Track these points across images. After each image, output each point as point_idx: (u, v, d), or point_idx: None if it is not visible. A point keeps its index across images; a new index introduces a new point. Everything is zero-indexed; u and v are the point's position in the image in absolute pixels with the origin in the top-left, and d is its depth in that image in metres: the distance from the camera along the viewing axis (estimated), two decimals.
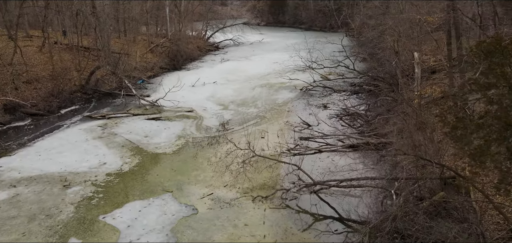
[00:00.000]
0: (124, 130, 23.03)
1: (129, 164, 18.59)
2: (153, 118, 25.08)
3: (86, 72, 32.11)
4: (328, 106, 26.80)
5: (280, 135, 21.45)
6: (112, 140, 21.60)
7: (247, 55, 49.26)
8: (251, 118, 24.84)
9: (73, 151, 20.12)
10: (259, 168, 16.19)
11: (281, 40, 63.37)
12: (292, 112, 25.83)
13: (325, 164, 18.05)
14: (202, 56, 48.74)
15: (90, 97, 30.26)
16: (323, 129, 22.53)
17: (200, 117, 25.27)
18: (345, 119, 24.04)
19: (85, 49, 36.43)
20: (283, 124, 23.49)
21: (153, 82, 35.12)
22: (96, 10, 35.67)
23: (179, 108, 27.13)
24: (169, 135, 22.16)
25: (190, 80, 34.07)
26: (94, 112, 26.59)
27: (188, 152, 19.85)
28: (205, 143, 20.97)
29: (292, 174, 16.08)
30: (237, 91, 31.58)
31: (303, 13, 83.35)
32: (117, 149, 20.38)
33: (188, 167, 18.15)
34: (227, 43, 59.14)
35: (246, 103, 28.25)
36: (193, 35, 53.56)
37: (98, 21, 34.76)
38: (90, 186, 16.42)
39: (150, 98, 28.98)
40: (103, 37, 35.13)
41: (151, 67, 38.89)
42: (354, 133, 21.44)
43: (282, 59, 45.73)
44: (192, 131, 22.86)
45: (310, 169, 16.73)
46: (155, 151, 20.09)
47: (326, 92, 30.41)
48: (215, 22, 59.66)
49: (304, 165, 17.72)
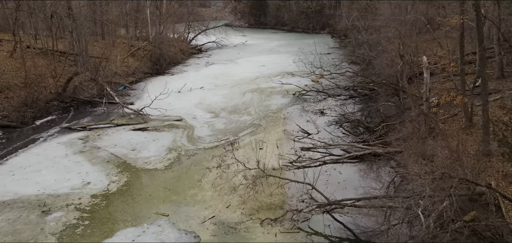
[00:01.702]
0: (108, 143, 21.04)
1: (116, 182, 16.70)
2: (140, 128, 23.15)
3: (63, 78, 29.77)
4: (325, 112, 25.54)
5: (279, 146, 20.01)
6: (96, 154, 19.60)
7: (232, 58, 47.66)
8: (246, 127, 23.29)
9: (51, 168, 18.04)
10: (265, 184, 14.67)
11: (264, 42, 62.11)
12: (288, 119, 24.42)
13: (333, 178, 16.68)
14: (185, 59, 46.78)
15: (68, 106, 27.96)
16: (323, 138, 21.24)
17: (190, 126, 23.51)
18: (345, 126, 22.83)
19: (61, 53, 33.99)
20: (281, 132, 22.05)
21: (136, 88, 33.03)
22: (72, 12, 33.32)
23: (167, 117, 25.28)
24: (159, 148, 20.33)
25: (176, 86, 32.20)
26: (74, 123, 24.39)
27: (182, 167, 18.12)
28: (200, 156, 19.27)
29: (301, 191, 14.69)
30: (226, 97, 29.94)
31: (286, 14, 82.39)
32: (102, 165, 18.42)
33: (184, 184, 16.43)
34: (210, 45, 57.35)
35: (238, 110, 26.66)
36: (175, 37, 51.50)
37: (75, 24, 32.43)
38: (73, 211, 14.48)
39: (135, 106, 26.96)
40: (81, 41, 32.79)
41: (132, 72, 36.75)
42: (358, 141, 20.20)
43: (268, 61, 44.48)
44: (184, 142, 21.10)
45: (317, 183, 15.36)
46: (145, 166, 18.25)
47: (321, 97, 29.18)
48: (196, 24, 57.72)
49: (307, 178, 16.40)
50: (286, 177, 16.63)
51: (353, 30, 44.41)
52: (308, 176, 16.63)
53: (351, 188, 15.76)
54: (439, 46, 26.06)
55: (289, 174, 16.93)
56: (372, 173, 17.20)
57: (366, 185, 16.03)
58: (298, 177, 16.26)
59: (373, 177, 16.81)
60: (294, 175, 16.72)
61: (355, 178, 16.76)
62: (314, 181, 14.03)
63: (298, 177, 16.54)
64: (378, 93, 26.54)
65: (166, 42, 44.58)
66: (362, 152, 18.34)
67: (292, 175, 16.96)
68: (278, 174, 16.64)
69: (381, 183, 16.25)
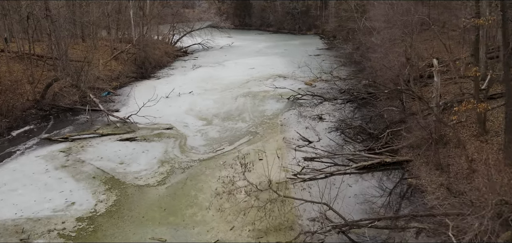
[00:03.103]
0: (93, 155, 19.27)
1: (104, 202, 15.03)
2: (127, 138, 21.43)
3: (41, 85, 27.71)
4: (323, 117, 24.35)
5: (280, 156, 18.70)
6: (80, 169, 17.83)
7: (219, 61, 46.13)
8: (242, 135, 21.86)
9: (30, 187, 16.21)
10: (272, 201, 13.32)
11: (251, 43, 60.80)
12: (286, 126, 23.12)
13: (343, 192, 15.36)
14: (171, 62, 44.99)
15: (47, 114, 25.93)
16: (325, 145, 20.05)
17: (182, 135, 21.94)
18: (347, 132, 21.70)
19: (39, 57, 31.81)
20: (281, 141, 20.72)
21: (120, 94, 31.16)
22: (50, 13, 31.21)
23: (156, 125, 23.62)
24: (150, 160, 18.70)
25: (164, 91, 30.49)
26: (54, 133, 22.47)
27: (177, 182, 16.55)
28: (196, 169, 17.75)
29: (312, 208, 13.42)
30: (218, 102, 28.44)
31: (271, 15, 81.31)
32: (87, 181, 16.69)
33: (181, 203, 14.90)
34: (196, 47, 55.64)
35: (232, 116, 25.20)
36: (159, 39, 49.56)
37: (53, 26, 30.35)
38: (56, 238, 12.79)
39: (121, 114, 25.19)
40: (60, 44, 30.73)
41: (116, 76, 34.82)
42: (362, 149, 19.06)
43: (257, 64, 43.19)
44: (176, 153, 19.51)
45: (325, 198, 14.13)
46: (136, 182, 16.61)
47: (317, 101, 28.00)
48: (181, 25, 55.88)
49: (313, 192, 15.18)
50: (292, 191, 15.36)
51: (340, 30, 43.60)
52: (315, 189, 15.44)
53: (364, 203, 14.56)
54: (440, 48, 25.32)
55: (296, 189, 15.63)
56: (383, 185, 16.05)
57: (380, 199, 14.87)
58: (308, 193, 15.03)
59: (385, 190, 15.65)
60: (302, 190, 15.44)
61: (366, 190, 15.55)
62: (330, 200, 12.75)
63: (306, 191, 15.31)
64: (377, 97, 25.55)
65: (150, 44, 42.74)
66: (370, 161, 17.19)
67: (299, 190, 15.70)
68: (283, 188, 15.35)
69: (396, 196, 15.13)
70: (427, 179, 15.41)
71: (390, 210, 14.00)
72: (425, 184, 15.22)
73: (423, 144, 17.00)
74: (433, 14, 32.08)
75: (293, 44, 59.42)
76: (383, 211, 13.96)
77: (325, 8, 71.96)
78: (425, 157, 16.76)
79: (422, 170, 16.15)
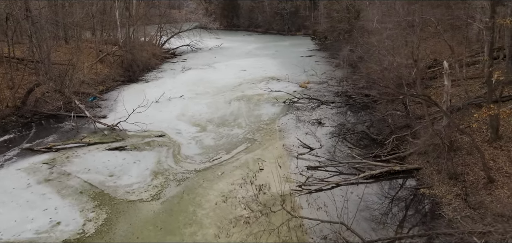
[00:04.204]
0: (79, 167, 17.84)
1: (93, 221, 13.68)
2: (116, 148, 20.03)
3: (22, 90, 26.03)
4: (323, 122, 23.35)
5: (282, 165, 17.62)
6: (65, 183, 16.40)
7: (209, 63, 44.83)
8: (239, 142, 20.69)
9: (10, 204, 14.73)
10: (279, 215, 12.20)
11: (241, 45, 59.64)
12: (284, 131, 22.04)
13: (352, 204, 14.31)
14: (159, 65, 43.46)
15: (29, 122, 24.28)
16: (328, 152, 19.06)
17: (175, 143, 20.64)
18: (348, 138, 20.74)
19: (19, 61, 29.99)
20: (280, 148, 19.63)
21: (107, 99, 29.62)
22: (31, 14, 29.47)
23: (147, 132, 22.27)
24: (142, 172, 17.37)
25: (153, 95, 29.05)
26: (36, 142, 20.90)
27: (172, 196, 15.28)
28: (192, 181, 16.49)
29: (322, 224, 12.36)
30: (211, 107, 27.18)
31: (259, 16, 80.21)
32: (74, 197, 15.28)
33: (178, 220, 13.65)
34: (184, 49, 54.17)
35: (227, 122, 24.00)
36: (146, 41, 47.92)
37: (34, 27, 28.63)
38: None
39: (108, 120, 23.75)
40: (42, 46, 29.03)
41: (102, 80, 33.22)
42: (368, 156, 18.09)
43: (248, 65, 42.07)
44: (170, 163, 18.23)
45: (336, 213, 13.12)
46: (127, 197, 15.28)
47: (313, 104, 27.01)
48: (168, 26, 54.28)
49: (322, 205, 14.16)
50: (299, 206, 14.28)
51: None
52: (322, 201, 14.44)
53: (378, 217, 13.57)
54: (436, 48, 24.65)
55: (302, 201, 14.56)
56: (394, 196, 15.10)
57: (394, 212, 13.91)
58: (317, 206, 13.97)
59: (397, 201, 14.70)
60: (309, 203, 14.36)
61: (378, 202, 14.58)
62: (341, 214, 11.70)
63: (314, 205, 14.24)
64: (376, 101, 24.72)
65: (138, 46, 41.18)
66: (378, 170, 16.23)
67: (304, 201, 14.65)
68: (289, 201, 14.28)
69: (410, 209, 14.19)
70: (441, 189, 14.52)
71: (406, 224, 13.04)
72: (439, 194, 14.33)
73: (432, 151, 16.15)
74: (427, 14, 31.40)
75: (283, 45, 58.50)
76: (399, 226, 12.99)
77: (315, 8, 71.28)
78: (436, 165, 15.90)
79: (434, 179, 15.27)
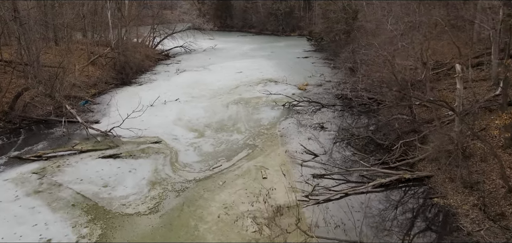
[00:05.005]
0: (71, 177, 16.81)
1: (87, 238, 12.70)
2: (110, 155, 19.02)
3: (10, 94, 24.82)
4: (325, 126, 22.58)
5: (285, 172, 16.78)
6: (56, 195, 15.37)
7: (204, 64, 43.86)
8: (239, 148, 19.80)
9: None
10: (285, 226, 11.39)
11: (235, 46, 58.77)
12: (286, 137, 21.21)
13: (365, 216, 13.63)
14: (152, 67, 42.38)
15: (17, 128, 23.13)
16: (333, 159, 18.28)
17: (172, 150, 19.69)
18: (354, 143, 19.98)
19: (7, 63, 28.77)
20: (283, 154, 18.79)
21: (99, 102, 28.52)
22: (19, 15, 28.30)
23: (142, 138, 21.28)
24: (138, 182, 16.40)
25: (147, 98, 28.07)
26: (25, 150, 19.81)
27: (172, 209, 14.34)
28: (192, 191, 15.57)
29: None
30: (208, 110, 26.25)
31: (253, 16, 79.41)
32: (66, 210, 14.27)
33: (179, 236, 12.72)
34: (178, 50, 53.10)
35: (225, 127, 23.10)
36: (138, 42, 46.78)
37: (22, 29, 27.45)
38: None
39: (101, 125, 22.69)
40: (31, 48, 27.86)
41: (94, 83, 32.07)
42: (375, 163, 17.35)
43: (244, 67, 41.21)
44: (168, 172, 17.28)
45: (348, 225, 12.35)
46: (123, 210, 14.30)
47: (314, 107, 26.23)
48: (161, 27, 53.14)
49: (331, 217, 13.40)
50: (310, 220, 13.46)
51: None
52: (332, 213, 13.66)
53: (394, 230, 12.78)
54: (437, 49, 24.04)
55: (309, 212, 13.73)
56: (407, 206, 14.34)
57: (409, 225, 13.15)
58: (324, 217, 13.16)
59: (411, 212, 13.94)
60: (316, 215, 13.53)
61: (390, 214, 13.79)
62: (354, 228, 10.90)
63: (321, 215, 13.43)
64: (379, 103, 24.06)
65: (130, 47, 40.02)
66: (388, 178, 15.48)
67: (311, 212, 13.82)
68: (295, 213, 13.49)
69: (426, 221, 13.45)
70: (456, 199, 13.81)
71: (425, 239, 12.27)
72: (454, 205, 13.61)
73: (444, 157, 15.45)
74: (428, 14, 30.85)
75: (279, 46, 57.76)
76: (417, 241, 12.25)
77: (309, 9, 70.70)
78: (448, 172, 15.20)
79: (447, 188, 14.56)
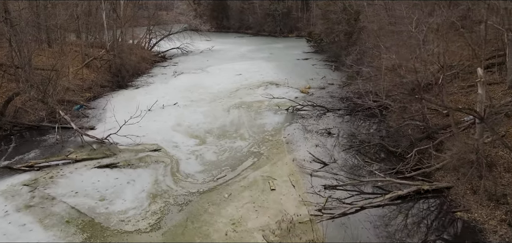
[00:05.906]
0: (65, 189, 15.68)
1: None
2: (107, 165, 17.90)
3: (0, 99, 23.62)
4: (332, 132, 21.62)
5: (294, 183, 15.78)
6: (49, 210, 14.24)
7: (202, 66, 42.78)
8: (243, 156, 18.76)
9: None
10: None
11: (233, 47, 57.75)
12: (292, 144, 20.20)
13: (388, 235, 12.65)
14: (149, 69, 41.23)
15: (8, 135, 21.95)
16: (344, 168, 17.31)
17: (173, 159, 18.60)
18: (364, 151, 19.02)
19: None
20: (291, 163, 17.78)
21: (95, 107, 27.35)
22: (10, 16, 27.08)
23: (140, 145, 20.18)
24: (138, 194, 15.31)
25: (145, 102, 26.91)
26: (16, 159, 18.64)
27: (175, 226, 13.26)
28: (196, 205, 14.50)
29: None
30: (209, 115, 25.19)
31: (250, 17, 78.37)
32: (59, 228, 13.15)
33: None
34: (174, 52, 51.97)
35: (227, 133, 22.05)
36: (134, 44, 45.58)
37: (14, 30, 26.22)
38: None
39: (97, 132, 21.57)
40: (22, 51, 26.63)
41: (89, 86, 30.89)
42: (388, 172, 16.39)
43: (243, 69, 40.20)
44: (169, 184, 16.19)
45: None
46: (122, 227, 13.21)
47: (319, 111, 25.26)
48: (157, 28, 51.96)
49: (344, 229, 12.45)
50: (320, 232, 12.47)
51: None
52: (349, 230, 12.67)
53: None
54: None
55: (323, 228, 12.72)
56: (428, 221, 13.39)
57: None
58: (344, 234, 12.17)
59: (434, 228, 12.98)
60: (330, 230, 12.54)
61: (412, 230, 12.82)
62: None
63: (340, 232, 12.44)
64: (387, 108, 23.11)
65: (126, 49, 38.85)
66: (406, 190, 14.53)
67: (324, 227, 12.80)
68: (308, 228, 12.50)
69: (453, 238, 12.51)
70: (481, 213, 12.90)
71: None
72: (480, 220, 12.69)
73: (465, 166, 14.53)
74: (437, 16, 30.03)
75: (277, 48, 56.80)
76: None
77: (307, 9, 69.82)
78: (469, 183, 14.29)
79: (470, 200, 13.63)
